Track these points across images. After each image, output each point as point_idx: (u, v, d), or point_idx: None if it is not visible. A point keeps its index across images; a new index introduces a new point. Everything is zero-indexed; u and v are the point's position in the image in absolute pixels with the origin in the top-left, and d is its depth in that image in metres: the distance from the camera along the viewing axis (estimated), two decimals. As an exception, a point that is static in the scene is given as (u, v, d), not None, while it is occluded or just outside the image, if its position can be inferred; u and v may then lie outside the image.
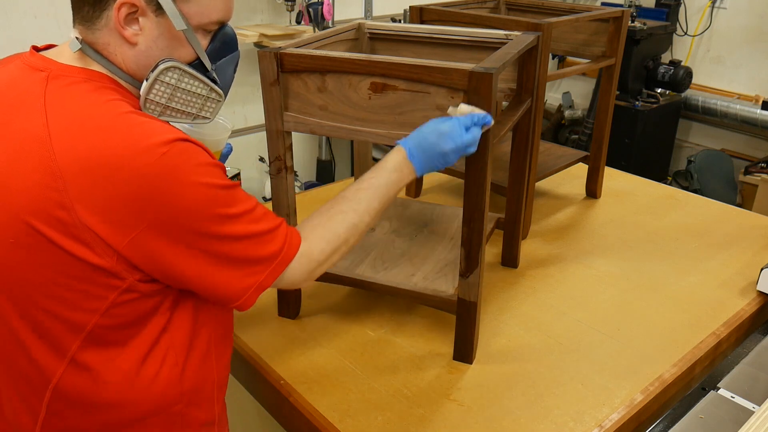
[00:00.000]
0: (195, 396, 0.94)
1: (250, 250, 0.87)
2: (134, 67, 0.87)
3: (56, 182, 0.76)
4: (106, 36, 0.85)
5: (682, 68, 3.66)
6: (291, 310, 1.36)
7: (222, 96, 0.94)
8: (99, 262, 0.79)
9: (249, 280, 0.87)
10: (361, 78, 1.11)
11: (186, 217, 0.79)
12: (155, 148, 0.76)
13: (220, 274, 0.85)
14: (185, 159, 0.79)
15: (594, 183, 1.96)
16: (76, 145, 0.76)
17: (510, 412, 1.12)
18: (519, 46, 1.23)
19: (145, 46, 0.85)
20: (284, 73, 1.15)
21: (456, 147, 1.02)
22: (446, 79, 1.05)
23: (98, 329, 0.84)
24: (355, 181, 1.02)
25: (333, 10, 3.02)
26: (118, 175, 0.75)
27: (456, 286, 1.25)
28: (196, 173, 0.79)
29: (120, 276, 0.81)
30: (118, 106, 0.80)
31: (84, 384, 0.86)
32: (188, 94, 0.89)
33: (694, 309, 1.41)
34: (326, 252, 0.95)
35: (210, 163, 0.82)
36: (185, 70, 0.87)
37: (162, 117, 0.88)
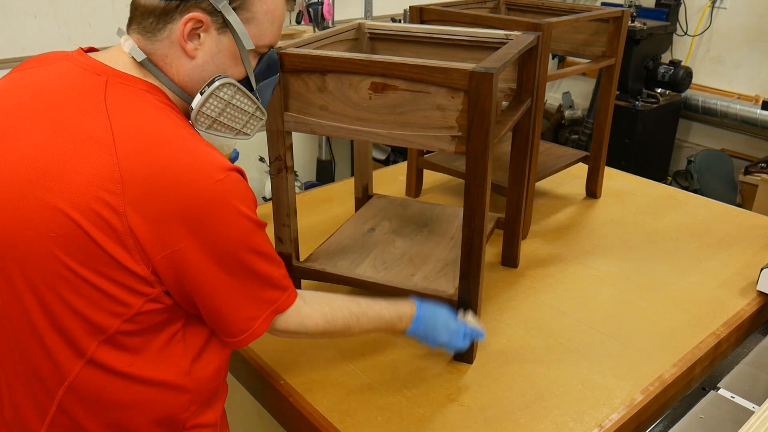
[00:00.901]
0: (200, 402, 0.95)
1: (265, 288, 0.91)
2: (187, 79, 0.90)
3: (114, 186, 0.78)
4: (166, 48, 0.88)
5: (682, 68, 3.66)
6: None
7: (265, 115, 0.98)
8: (135, 268, 0.81)
9: (256, 312, 0.91)
10: (361, 78, 1.11)
11: (225, 241, 0.84)
12: (215, 173, 0.81)
13: (235, 302, 0.88)
14: (237, 189, 0.84)
15: (594, 183, 1.96)
16: (142, 155, 0.79)
17: (510, 412, 1.12)
18: (519, 46, 1.23)
19: (202, 61, 0.89)
20: (284, 73, 1.15)
21: (448, 343, 1.15)
22: (447, 79, 1.05)
23: (119, 334, 0.85)
24: (369, 299, 1.10)
25: (333, 10, 3.02)
26: (176, 191, 0.79)
27: (456, 286, 1.25)
28: (243, 204, 0.85)
29: (151, 285, 0.83)
30: (182, 127, 0.85)
31: (98, 385, 0.87)
32: (237, 111, 0.93)
33: (694, 309, 1.41)
34: (318, 329, 1.01)
35: (253, 198, 0.88)
36: (239, 87, 0.91)
37: (209, 130, 0.93)
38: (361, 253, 1.40)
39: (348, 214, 1.73)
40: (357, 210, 1.65)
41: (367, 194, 1.66)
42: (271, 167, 1.22)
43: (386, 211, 1.59)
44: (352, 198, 1.71)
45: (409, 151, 1.91)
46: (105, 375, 0.86)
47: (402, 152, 3.67)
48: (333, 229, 1.52)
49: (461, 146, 1.09)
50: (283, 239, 1.30)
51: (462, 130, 1.08)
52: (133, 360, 0.87)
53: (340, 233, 1.48)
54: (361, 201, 1.65)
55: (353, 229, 1.50)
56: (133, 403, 0.88)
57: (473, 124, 1.06)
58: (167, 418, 0.91)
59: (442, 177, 2.05)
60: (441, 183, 2.05)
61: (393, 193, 1.87)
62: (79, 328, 0.84)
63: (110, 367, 0.86)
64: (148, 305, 0.85)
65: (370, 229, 1.50)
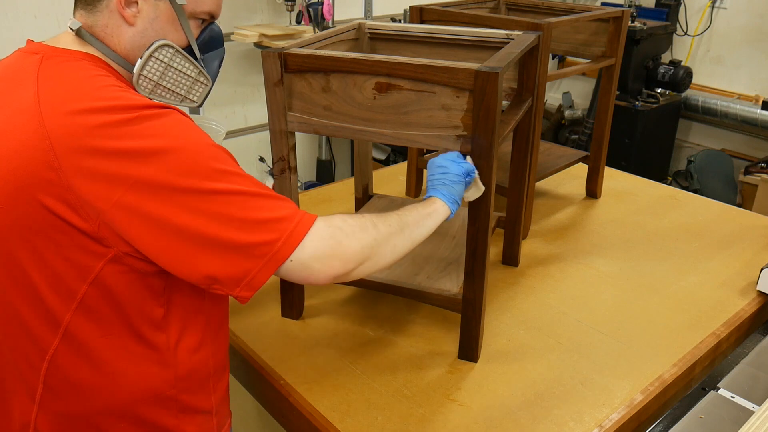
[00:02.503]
0: (189, 384, 0.94)
1: (254, 210, 0.81)
2: (129, 47, 0.92)
3: (44, 143, 0.78)
4: (106, 17, 0.90)
5: (682, 68, 3.66)
6: (294, 311, 1.36)
7: (209, 80, 0.99)
8: (83, 225, 0.79)
9: (260, 249, 0.81)
10: (365, 78, 1.11)
11: (170, 174, 0.78)
12: (134, 110, 0.79)
13: (218, 242, 0.80)
14: (166, 120, 0.81)
15: (594, 183, 1.96)
16: (61, 108, 0.79)
17: (510, 412, 1.12)
18: (521, 45, 1.23)
19: (142, 27, 0.91)
20: (288, 73, 1.15)
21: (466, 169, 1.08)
22: (452, 79, 1.05)
23: (90, 300, 0.84)
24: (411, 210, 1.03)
25: (333, 10, 3.02)
26: (97, 137, 0.78)
27: (460, 285, 1.25)
28: (181, 131, 0.81)
29: (104, 243, 0.81)
30: (106, 79, 0.85)
31: (78, 363, 0.87)
32: (178, 74, 0.95)
33: (694, 309, 1.41)
34: (352, 225, 0.89)
35: (193, 124, 0.84)
36: (178, 49, 0.94)
37: (152, 96, 0.94)
38: None
39: (348, 214, 1.73)
40: (358, 210, 1.65)
41: (367, 194, 1.66)
42: (275, 167, 1.22)
43: (388, 211, 1.59)
44: (352, 198, 1.71)
45: (409, 151, 1.91)
46: (84, 352, 0.87)
47: (402, 152, 3.67)
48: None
49: (466, 146, 1.10)
50: None
51: (467, 130, 1.08)
52: (110, 337, 0.87)
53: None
54: (361, 201, 1.65)
55: (354, 228, 1.50)
56: (114, 383, 0.89)
57: (478, 124, 1.06)
58: (153, 396, 0.91)
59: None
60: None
61: (393, 193, 1.87)
62: (49, 296, 0.84)
63: (88, 342, 0.86)
64: (111, 267, 0.82)
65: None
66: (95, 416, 0.90)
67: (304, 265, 0.84)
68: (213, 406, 1.00)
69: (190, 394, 0.95)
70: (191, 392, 0.95)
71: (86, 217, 0.79)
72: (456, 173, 1.07)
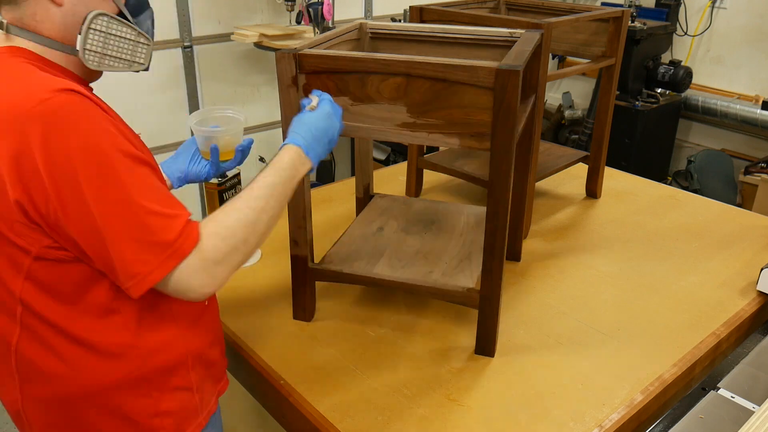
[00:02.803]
0: (159, 364, 0.95)
1: (140, 228, 0.83)
2: (62, 28, 0.91)
3: None
4: (32, 6, 0.89)
5: (682, 68, 3.66)
6: (307, 313, 1.36)
7: (150, 40, 1.00)
8: (1, 226, 0.83)
9: (135, 267, 0.83)
10: (383, 78, 1.11)
11: (71, 163, 0.79)
12: (39, 94, 0.79)
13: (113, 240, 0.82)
14: (70, 107, 0.80)
15: (594, 183, 1.96)
16: None
17: (510, 412, 1.12)
18: (530, 43, 1.24)
19: (70, 5, 0.90)
20: (302, 74, 1.14)
21: (340, 125, 1.09)
22: (471, 77, 1.06)
23: (29, 294, 0.87)
24: (249, 182, 0.99)
25: (333, 10, 3.01)
26: (7, 124, 0.79)
27: (476, 280, 1.26)
28: (81, 121, 0.81)
29: (26, 239, 0.83)
30: (19, 64, 0.85)
31: (41, 351, 0.90)
32: (119, 40, 0.95)
33: (694, 309, 1.41)
34: (222, 250, 0.89)
35: (100, 115, 0.83)
36: (112, 16, 0.94)
37: (101, 67, 0.94)
38: (374, 252, 1.40)
39: (349, 213, 1.73)
40: (359, 210, 1.65)
41: (368, 194, 1.66)
42: None
43: (391, 211, 1.59)
44: (352, 198, 1.71)
45: (409, 151, 1.91)
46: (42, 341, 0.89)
47: (402, 152, 3.67)
48: (335, 229, 1.53)
49: (485, 143, 1.10)
50: (299, 241, 1.30)
51: (486, 127, 1.09)
52: (60, 318, 0.88)
53: (349, 234, 1.48)
54: (362, 201, 1.65)
55: (362, 229, 1.51)
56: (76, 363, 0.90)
57: (498, 121, 1.07)
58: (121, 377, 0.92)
59: (441, 177, 2.05)
60: (441, 183, 2.05)
61: (393, 192, 1.87)
62: (1, 289, 0.88)
63: (43, 333, 0.89)
64: (38, 263, 0.85)
65: (378, 229, 1.50)
66: (74, 401, 0.92)
67: (177, 291, 0.87)
68: (193, 383, 1.00)
69: (166, 373, 0.96)
70: (167, 371, 0.96)
71: (1, 215, 0.82)
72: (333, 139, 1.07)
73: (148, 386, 0.95)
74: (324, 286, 1.44)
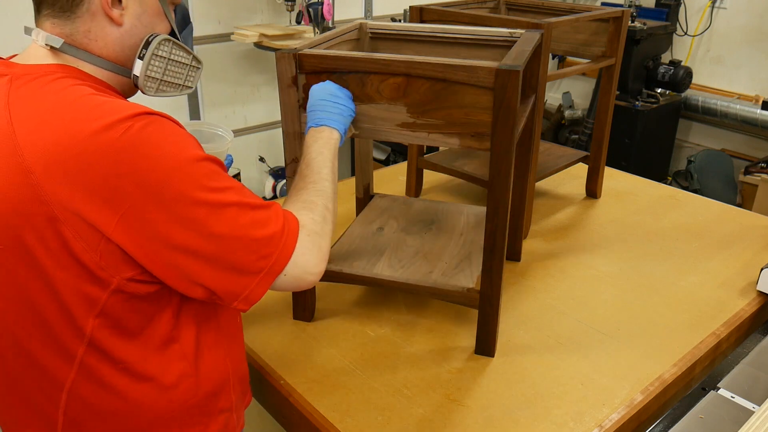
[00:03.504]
0: (210, 389, 0.93)
1: (248, 227, 0.81)
2: (118, 49, 0.87)
3: (28, 178, 0.74)
4: (87, 22, 0.84)
5: (682, 68, 3.66)
6: (307, 313, 1.36)
7: (201, 63, 0.97)
8: (83, 257, 0.76)
9: (256, 265, 0.81)
10: (383, 78, 1.11)
11: (165, 190, 0.75)
12: (118, 124, 0.74)
13: (215, 260, 0.79)
14: (152, 131, 0.76)
15: (594, 183, 1.96)
16: (40, 136, 0.74)
17: (510, 412, 1.12)
18: (531, 43, 1.24)
19: (130, 25, 0.86)
20: (302, 74, 1.14)
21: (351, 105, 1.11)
22: (471, 77, 1.06)
23: (100, 332, 0.82)
24: (303, 162, 1.01)
25: (333, 10, 3.02)
26: (86, 159, 0.73)
27: (475, 280, 1.26)
28: (168, 143, 0.77)
29: (108, 271, 0.78)
30: (78, 89, 0.79)
31: (98, 391, 0.85)
32: (177, 66, 0.92)
33: (694, 309, 1.41)
34: (317, 221, 0.90)
35: (183, 134, 0.80)
36: (174, 41, 0.90)
37: (157, 94, 0.91)
38: (374, 252, 1.40)
39: (349, 213, 1.73)
40: (359, 209, 1.65)
41: (368, 194, 1.66)
42: (287, 169, 1.22)
43: (391, 211, 1.59)
44: (352, 197, 1.71)
45: (409, 150, 1.91)
46: (101, 381, 0.84)
47: (402, 152, 3.67)
48: (336, 229, 1.52)
49: (485, 143, 1.10)
50: None
51: (486, 127, 1.09)
52: (125, 354, 0.84)
53: (349, 234, 1.48)
54: (362, 200, 1.65)
55: (362, 229, 1.51)
56: (136, 407, 0.87)
57: (498, 121, 1.07)
58: (177, 407, 0.90)
59: (441, 177, 2.05)
60: (441, 183, 2.05)
61: (393, 192, 1.87)
62: (62, 331, 0.81)
63: (104, 373, 0.84)
64: (115, 297, 0.80)
65: (378, 229, 1.50)
66: None
67: (297, 277, 0.86)
68: (233, 403, 1.00)
69: (213, 397, 0.94)
70: (213, 396, 0.94)
71: (87, 246, 0.76)
72: (351, 108, 1.10)
73: (199, 413, 0.92)
74: (324, 286, 1.44)
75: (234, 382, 0.99)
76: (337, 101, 1.09)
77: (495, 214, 1.14)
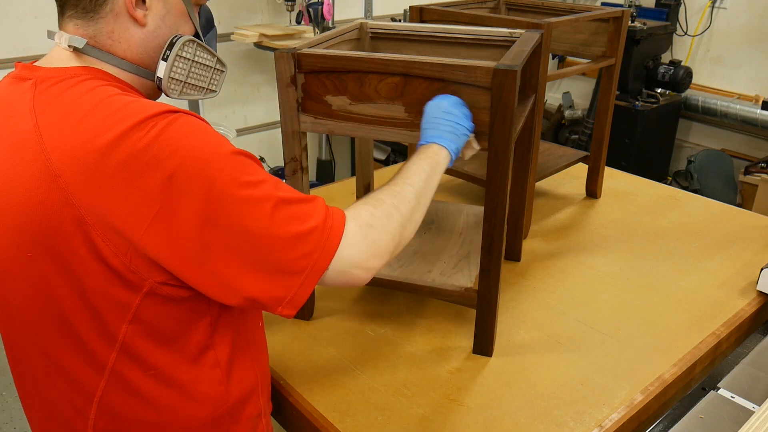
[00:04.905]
0: (240, 396, 0.92)
1: (286, 223, 0.76)
2: (141, 50, 0.85)
3: (56, 182, 0.72)
4: (111, 23, 0.83)
5: (682, 68, 3.66)
6: (305, 312, 1.36)
7: (226, 66, 0.95)
8: (114, 261, 0.74)
9: (298, 263, 0.76)
10: (381, 77, 1.11)
11: (194, 187, 0.72)
12: (143, 123, 0.72)
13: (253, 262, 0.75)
14: (178, 126, 0.74)
15: (594, 183, 1.96)
16: (66, 139, 0.73)
17: (510, 412, 1.12)
18: (530, 42, 1.24)
19: (154, 26, 0.85)
20: (301, 73, 1.14)
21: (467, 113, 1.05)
22: (469, 77, 1.06)
23: (132, 338, 0.80)
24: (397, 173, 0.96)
25: (333, 10, 3.02)
26: (112, 161, 0.71)
27: (473, 280, 1.26)
28: (195, 138, 0.74)
29: (138, 276, 0.76)
30: (104, 90, 0.77)
31: (129, 400, 0.83)
32: (201, 68, 0.90)
33: (694, 309, 1.41)
34: (374, 214, 0.85)
35: (211, 130, 0.77)
36: (198, 42, 0.88)
37: (181, 96, 0.89)
38: None
39: (348, 214, 1.73)
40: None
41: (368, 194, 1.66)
42: (287, 168, 1.22)
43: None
44: (353, 197, 1.71)
45: (409, 150, 1.91)
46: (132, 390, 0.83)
47: (402, 152, 3.67)
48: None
49: (483, 143, 1.10)
50: None
51: (484, 127, 1.09)
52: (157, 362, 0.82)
53: None
54: (361, 201, 1.65)
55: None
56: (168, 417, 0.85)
57: (496, 121, 1.07)
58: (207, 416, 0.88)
59: (441, 177, 2.05)
60: (441, 183, 2.03)
61: (393, 193, 1.87)
62: (90, 341, 0.80)
63: (135, 380, 0.82)
64: (148, 300, 0.77)
65: None
66: None
67: (343, 272, 0.81)
68: (262, 408, 0.99)
69: (242, 404, 0.93)
70: (243, 403, 0.93)
71: (116, 250, 0.73)
72: (466, 126, 1.04)
73: (228, 420, 0.91)
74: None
75: (262, 389, 0.99)
76: (449, 119, 1.02)
77: (493, 214, 1.14)
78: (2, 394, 2.50)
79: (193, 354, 0.84)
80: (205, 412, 0.87)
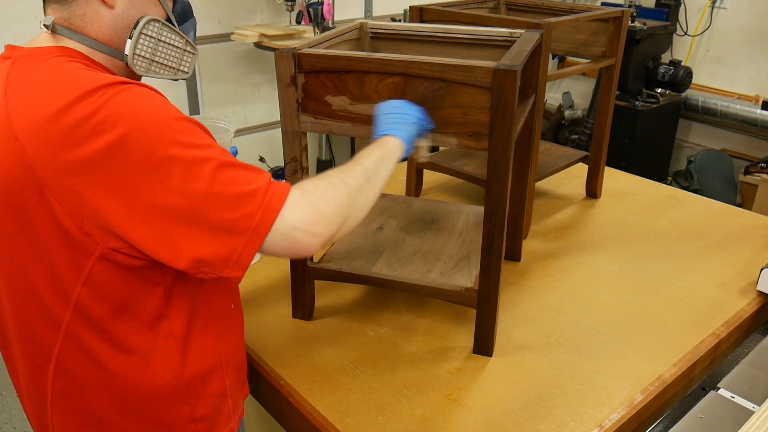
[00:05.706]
0: (198, 370, 0.94)
1: (228, 183, 0.79)
2: (111, 31, 0.90)
3: (14, 143, 0.78)
4: (83, 6, 0.88)
5: (682, 68, 3.67)
6: (306, 312, 1.36)
7: (196, 49, 1.00)
8: (67, 223, 0.78)
9: (240, 223, 0.79)
10: (381, 77, 1.11)
11: (138, 148, 0.76)
12: (95, 91, 0.77)
13: (197, 220, 0.78)
14: (128, 95, 0.78)
15: (594, 183, 1.96)
16: (26, 105, 0.79)
17: (510, 412, 1.12)
18: (530, 43, 1.24)
19: (122, 8, 0.90)
20: (301, 73, 1.14)
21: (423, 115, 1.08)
22: (469, 77, 1.06)
23: (86, 300, 0.84)
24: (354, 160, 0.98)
25: (333, 10, 3.02)
26: (64, 124, 0.76)
27: (473, 280, 1.26)
28: (142, 105, 0.78)
29: (91, 239, 0.79)
30: (67, 65, 0.82)
31: (84, 362, 0.87)
32: (168, 47, 0.95)
33: (694, 309, 1.41)
34: (319, 185, 0.87)
35: (161, 99, 0.81)
36: (164, 22, 0.93)
37: (148, 74, 0.94)
38: (374, 251, 1.40)
39: (348, 214, 1.73)
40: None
41: (367, 194, 1.66)
42: (287, 168, 1.22)
43: (391, 210, 1.59)
44: (352, 198, 1.71)
45: (409, 151, 1.91)
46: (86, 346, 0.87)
47: (402, 152, 3.66)
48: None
49: (483, 143, 1.10)
50: None
51: (484, 127, 1.09)
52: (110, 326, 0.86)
53: (349, 233, 1.48)
54: (361, 201, 1.65)
55: (361, 228, 1.51)
56: (121, 383, 0.89)
57: (496, 121, 1.07)
58: (162, 385, 0.91)
59: (441, 177, 2.05)
60: (441, 183, 2.05)
61: (393, 192, 1.87)
62: (49, 299, 0.85)
63: (89, 344, 0.86)
64: (100, 264, 0.81)
65: (378, 228, 1.50)
66: (112, 412, 0.91)
67: (287, 235, 0.82)
68: (227, 388, 1.00)
69: (202, 379, 0.95)
70: (203, 378, 0.95)
71: (68, 211, 0.78)
72: (415, 115, 1.06)
73: (186, 393, 0.93)
74: (323, 285, 1.44)
75: (228, 368, 1.00)
76: (398, 111, 1.06)
77: (493, 214, 1.14)
78: (2, 394, 2.50)
79: (146, 322, 0.88)
80: (160, 381, 0.91)
